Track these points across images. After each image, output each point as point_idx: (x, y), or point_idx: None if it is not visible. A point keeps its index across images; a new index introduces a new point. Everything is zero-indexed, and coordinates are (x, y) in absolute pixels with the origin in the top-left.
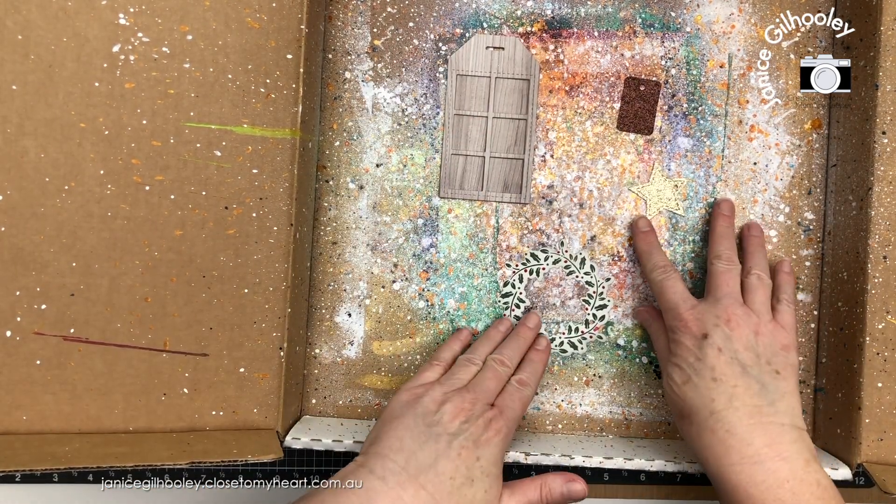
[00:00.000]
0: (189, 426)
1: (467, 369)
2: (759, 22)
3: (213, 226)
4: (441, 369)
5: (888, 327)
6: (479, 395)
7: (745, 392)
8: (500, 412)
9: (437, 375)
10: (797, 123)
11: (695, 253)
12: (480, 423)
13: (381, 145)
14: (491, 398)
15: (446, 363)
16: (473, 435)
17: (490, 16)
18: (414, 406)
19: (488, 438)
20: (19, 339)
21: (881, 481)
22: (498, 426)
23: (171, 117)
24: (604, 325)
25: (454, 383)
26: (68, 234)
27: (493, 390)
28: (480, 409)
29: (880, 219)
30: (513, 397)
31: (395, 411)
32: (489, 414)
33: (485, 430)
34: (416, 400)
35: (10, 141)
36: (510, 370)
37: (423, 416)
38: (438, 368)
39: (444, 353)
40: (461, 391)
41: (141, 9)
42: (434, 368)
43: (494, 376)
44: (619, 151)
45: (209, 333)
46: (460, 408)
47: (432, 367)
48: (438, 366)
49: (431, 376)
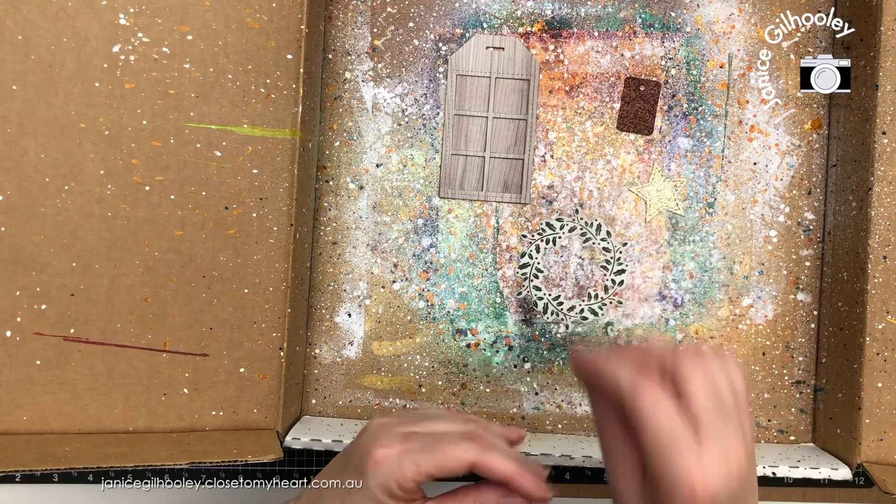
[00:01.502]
0: (189, 426)
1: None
2: (759, 22)
3: (214, 226)
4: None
5: (888, 327)
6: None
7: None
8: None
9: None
10: (797, 123)
11: (695, 253)
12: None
13: (381, 145)
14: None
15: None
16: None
17: (490, 16)
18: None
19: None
20: (19, 339)
21: (881, 481)
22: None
23: (171, 117)
24: (622, 290)
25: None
26: (68, 234)
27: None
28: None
29: (880, 219)
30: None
31: None
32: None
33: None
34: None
35: (10, 141)
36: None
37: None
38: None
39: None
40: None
41: (141, 9)
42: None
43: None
44: (619, 151)
45: (209, 333)
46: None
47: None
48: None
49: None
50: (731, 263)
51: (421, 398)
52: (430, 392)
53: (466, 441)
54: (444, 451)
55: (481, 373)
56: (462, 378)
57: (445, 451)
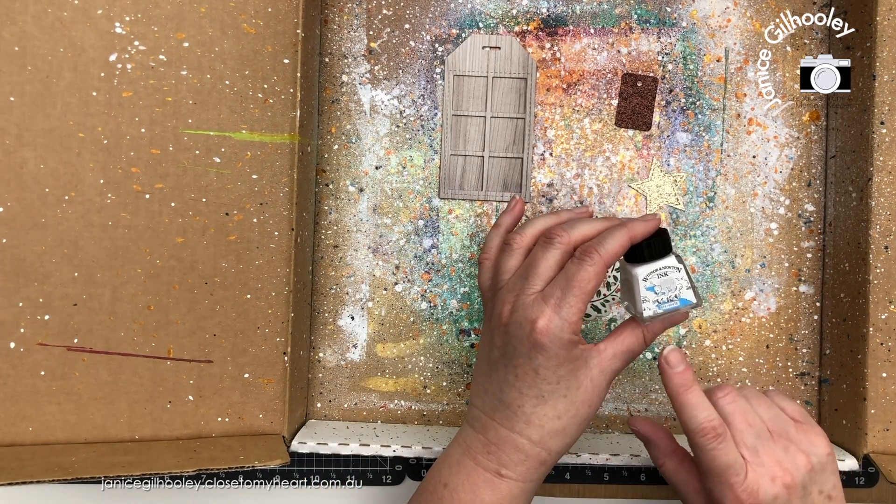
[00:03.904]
0: (195, 433)
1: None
2: (754, 15)
3: (214, 232)
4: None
5: (891, 317)
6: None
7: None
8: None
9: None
10: (795, 116)
11: (696, 248)
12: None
13: (379, 147)
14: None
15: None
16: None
17: (485, 15)
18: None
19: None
20: (23, 350)
21: (887, 472)
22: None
23: (169, 125)
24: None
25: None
26: (69, 244)
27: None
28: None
29: (881, 209)
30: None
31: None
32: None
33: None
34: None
35: (8, 152)
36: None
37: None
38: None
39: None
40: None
41: (137, 17)
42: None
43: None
44: (618, 148)
45: (213, 340)
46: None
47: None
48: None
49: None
50: (733, 257)
51: (426, 399)
52: (436, 393)
53: (580, 257)
54: (578, 278)
55: None
56: (467, 378)
57: (579, 278)
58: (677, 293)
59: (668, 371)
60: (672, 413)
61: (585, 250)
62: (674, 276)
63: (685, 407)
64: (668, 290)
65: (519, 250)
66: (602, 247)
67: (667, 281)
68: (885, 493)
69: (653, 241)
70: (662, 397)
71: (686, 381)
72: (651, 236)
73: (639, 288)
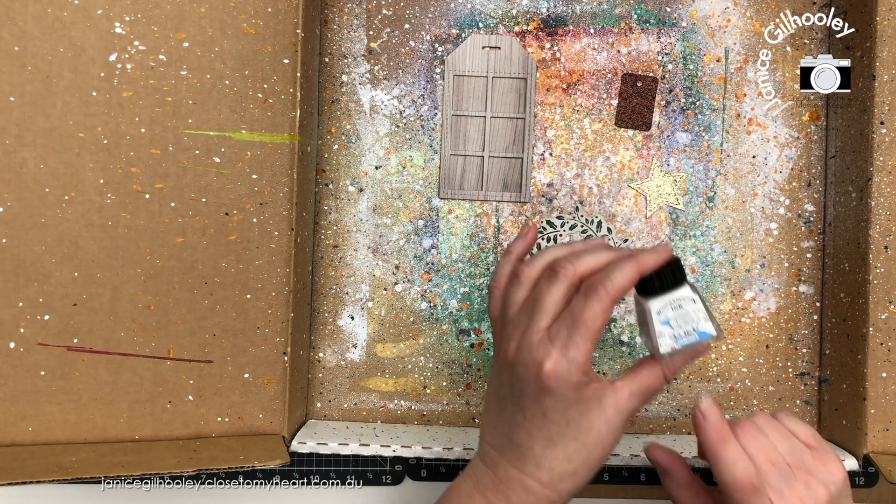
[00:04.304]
0: (195, 433)
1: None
2: (754, 15)
3: (214, 232)
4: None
5: (891, 317)
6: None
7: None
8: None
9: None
10: (795, 116)
11: (696, 248)
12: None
13: (379, 147)
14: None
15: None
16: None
17: (485, 15)
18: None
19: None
20: (23, 350)
21: (887, 472)
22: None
23: (169, 125)
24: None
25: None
26: (69, 244)
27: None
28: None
29: (880, 209)
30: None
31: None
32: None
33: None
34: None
35: (8, 152)
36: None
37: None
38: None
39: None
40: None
41: (137, 17)
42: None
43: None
44: (618, 148)
45: (213, 340)
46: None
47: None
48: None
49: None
50: (733, 257)
51: (426, 399)
52: (436, 393)
53: (586, 293)
54: (584, 317)
55: (485, 372)
56: (467, 378)
57: (585, 317)
58: (695, 326)
59: (704, 424)
60: (672, 413)
61: (591, 286)
62: (689, 307)
63: (722, 462)
64: (684, 322)
65: (527, 282)
66: (609, 281)
67: (682, 314)
68: (885, 493)
69: (664, 272)
70: (662, 397)
71: (723, 436)
72: (662, 266)
73: (653, 322)
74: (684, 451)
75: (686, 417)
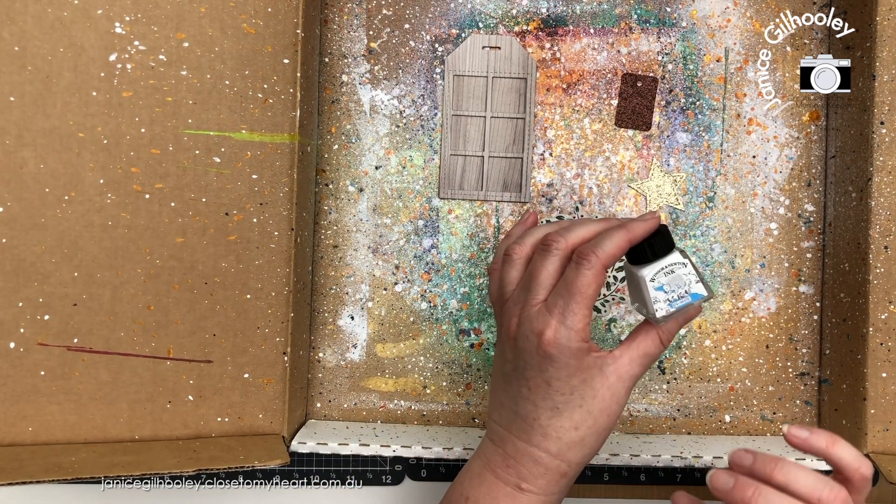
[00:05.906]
0: (195, 433)
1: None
2: (754, 15)
3: (214, 232)
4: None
5: (891, 317)
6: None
7: None
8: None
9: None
10: (795, 116)
11: (696, 248)
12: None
13: (379, 147)
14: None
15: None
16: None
17: (485, 15)
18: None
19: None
20: (23, 350)
21: (887, 472)
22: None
23: (169, 125)
24: (624, 286)
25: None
26: (69, 244)
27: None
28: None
29: (880, 209)
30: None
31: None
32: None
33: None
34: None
35: (8, 152)
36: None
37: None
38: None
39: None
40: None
41: (137, 17)
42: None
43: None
44: (618, 148)
45: (213, 340)
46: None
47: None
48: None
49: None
50: (733, 257)
51: (426, 399)
52: (436, 393)
53: (577, 262)
54: (577, 284)
55: (485, 373)
56: (466, 378)
57: (578, 284)
58: (687, 289)
59: (724, 491)
60: (672, 414)
61: (582, 254)
62: (681, 271)
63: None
64: (677, 286)
65: (519, 260)
66: (599, 248)
67: (675, 278)
68: (885, 493)
69: (655, 240)
70: (662, 397)
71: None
72: (652, 235)
73: (647, 289)
74: (685, 453)
75: (686, 418)
